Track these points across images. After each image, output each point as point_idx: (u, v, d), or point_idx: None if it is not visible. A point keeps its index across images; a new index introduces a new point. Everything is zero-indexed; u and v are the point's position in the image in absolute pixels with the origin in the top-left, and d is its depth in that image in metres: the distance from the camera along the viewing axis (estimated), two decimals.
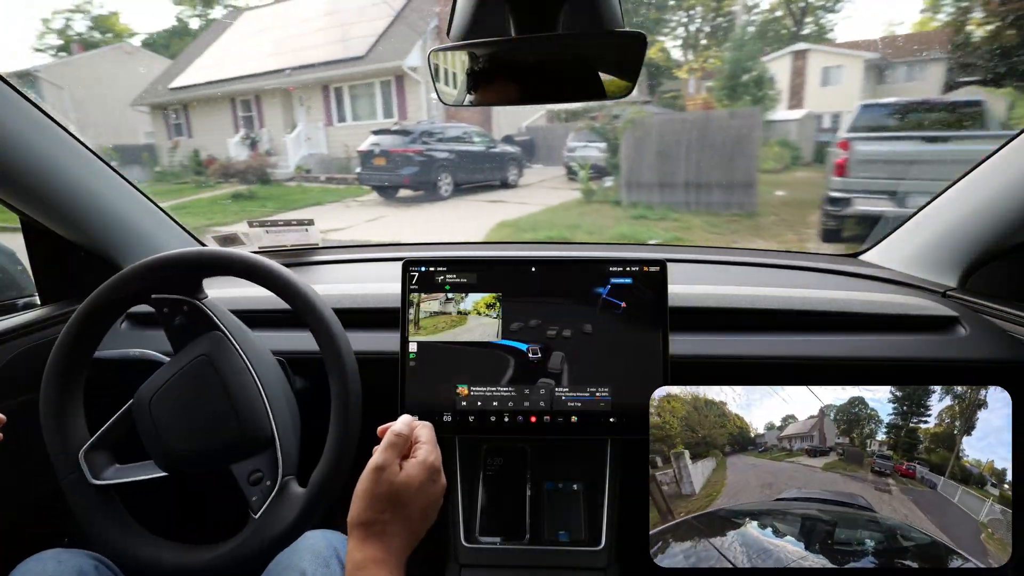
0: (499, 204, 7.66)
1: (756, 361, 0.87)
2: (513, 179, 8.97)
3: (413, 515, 0.55)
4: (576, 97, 0.73)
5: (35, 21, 30.36)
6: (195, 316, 0.71)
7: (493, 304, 0.82)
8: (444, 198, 8.09)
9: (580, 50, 0.63)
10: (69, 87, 12.75)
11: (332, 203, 8.48)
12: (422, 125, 8.95)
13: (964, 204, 0.95)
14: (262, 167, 10.38)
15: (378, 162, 8.10)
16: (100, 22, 19.26)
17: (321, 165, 10.74)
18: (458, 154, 8.40)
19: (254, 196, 8.99)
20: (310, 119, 11.35)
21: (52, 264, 1.04)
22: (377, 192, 8.45)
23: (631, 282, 0.81)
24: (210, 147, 11.44)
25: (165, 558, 0.65)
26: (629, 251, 0.93)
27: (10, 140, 0.83)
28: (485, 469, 0.86)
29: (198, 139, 12.06)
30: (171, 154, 12.20)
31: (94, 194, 0.98)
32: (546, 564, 0.80)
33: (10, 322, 0.91)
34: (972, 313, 0.92)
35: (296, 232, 1.30)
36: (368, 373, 0.69)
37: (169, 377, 0.69)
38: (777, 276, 1.13)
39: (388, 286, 0.96)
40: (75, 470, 0.67)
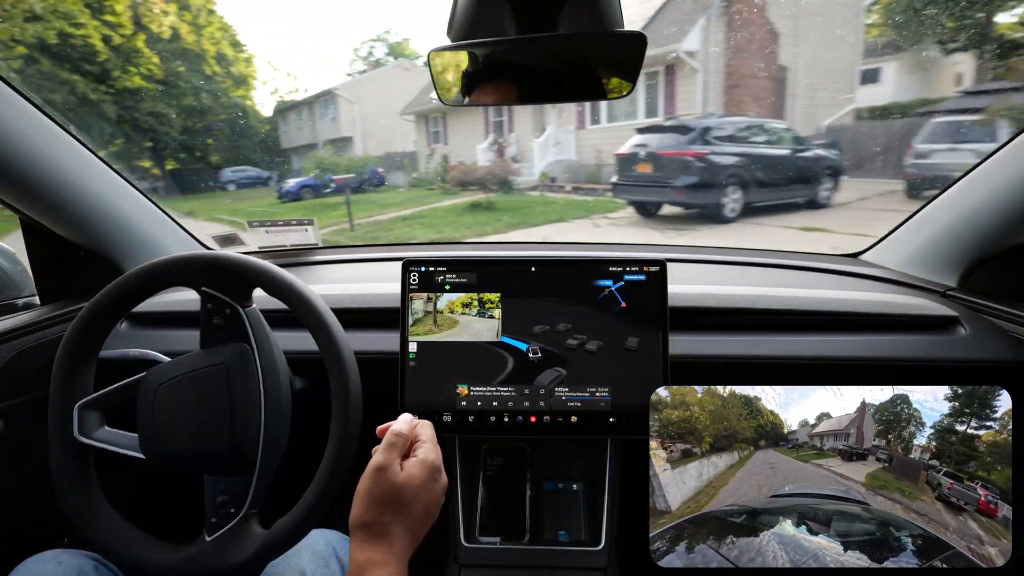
0: (821, 234, 5.14)
1: (756, 361, 0.87)
2: (825, 196, 6.18)
3: (415, 515, 0.55)
4: (576, 97, 0.73)
5: (347, 50, 32.85)
6: (234, 322, 0.70)
7: (469, 303, 0.82)
8: (728, 220, 5.72)
9: (580, 50, 0.63)
10: (359, 101, 14.21)
11: (578, 219, 6.74)
12: (706, 120, 6.57)
13: (964, 204, 0.95)
14: (504, 174, 9.36)
15: (642, 168, 6.09)
16: (394, 48, 23.04)
17: (568, 173, 9.63)
18: (753, 159, 5.89)
19: (492, 207, 7.93)
20: (561, 121, 10.13)
21: (52, 264, 1.04)
22: (635, 208, 6.52)
23: (631, 282, 0.81)
24: (461, 153, 11.31)
25: (112, 542, 0.65)
26: (629, 251, 0.93)
27: (10, 140, 0.83)
28: (485, 469, 0.86)
29: (452, 146, 12.07)
30: (427, 161, 12.31)
31: (94, 194, 0.98)
32: (546, 564, 0.80)
33: (10, 322, 0.91)
34: (972, 313, 0.92)
35: (296, 232, 1.30)
36: (368, 373, 0.68)
37: (184, 372, 0.68)
38: (777, 276, 1.13)
39: (388, 286, 0.96)
40: (67, 423, 0.67)
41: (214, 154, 13.10)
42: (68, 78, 9.26)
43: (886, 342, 0.88)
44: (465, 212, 7.88)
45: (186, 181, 12.47)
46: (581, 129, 10.01)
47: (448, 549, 0.84)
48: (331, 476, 0.63)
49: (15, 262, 1.14)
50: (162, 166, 12.51)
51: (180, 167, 12.69)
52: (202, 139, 12.80)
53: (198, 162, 12.90)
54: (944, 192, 0.99)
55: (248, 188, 12.11)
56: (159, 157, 12.31)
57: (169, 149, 12.17)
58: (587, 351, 0.80)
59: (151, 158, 12.13)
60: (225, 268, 0.69)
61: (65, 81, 9.21)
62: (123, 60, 10.47)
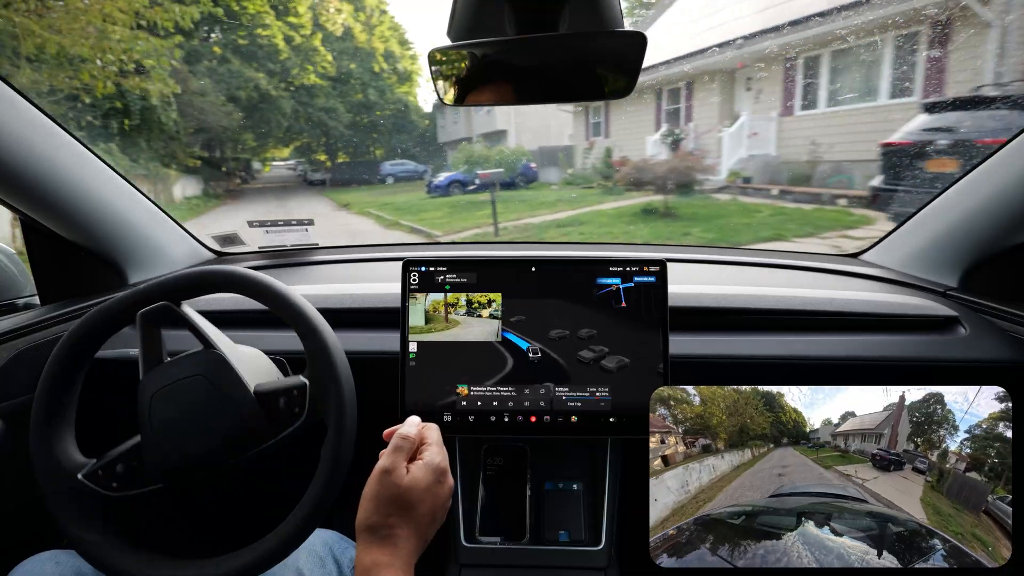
0: None
1: (756, 361, 0.87)
2: None
3: (421, 518, 0.55)
4: (576, 97, 0.73)
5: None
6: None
7: (470, 303, 0.82)
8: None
9: (580, 50, 0.63)
10: None
11: (809, 237, 4.75)
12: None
13: (964, 204, 0.95)
14: (687, 171, 7.34)
15: (940, 166, 3.95)
16: None
17: (765, 172, 7.40)
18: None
19: (672, 213, 6.19)
20: (758, 108, 7.83)
21: (52, 264, 1.04)
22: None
23: (631, 282, 0.81)
24: (626, 147, 9.68)
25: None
26: (629, 251, 0.93)
27: (11, 140, 0.83)
28: (485, 469, 0.86)
29: (614, 138, 10.36)
30: (584, 155, 10.89)
31: (94, 194, 0.98)
32: (546, 564, 0.80)
33: (10, 322, 0.91)
34: (972, 313, 0.92)
35: (296, 232, 1.30)
36: (368, 373, 0.68)
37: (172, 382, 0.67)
38: (777, 276, 1.13)
39: (388, 286, 0.96)
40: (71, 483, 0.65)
41: (377, 148, 13.67)
42: (253, 75, 10.11)
43: (886, 342, 0.88)
44: (636, 219, 6.17)
45: (350, 173, 12.85)
46: (787, 116, 7.49)
47: (448, 549, 0.84)
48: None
49: (15, 262, 1.14)
50: (334, 159, 13.21)
51: (348, 160, 13.28)
52: (367, 133, 13.36)
53: (363, 155, 13.43)
54: (944, 192, 0.99)
55: (405, 182, 12.06)
56: (331, 151, 13.05)
57: (340, 143, 12.77)
58: (603, 367, 0.80)
59: (326, 151, 12.94)
60: (196, 281, 0.68)
61: (250, 79, 10.04)
62: (302, 59, 11.29)
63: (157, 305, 0.68)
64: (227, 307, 0.96)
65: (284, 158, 14.37)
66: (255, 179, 13.17)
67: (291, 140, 12.65)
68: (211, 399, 0.65)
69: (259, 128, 11.38)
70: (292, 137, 12.36)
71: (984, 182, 0.91)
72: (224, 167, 11.20)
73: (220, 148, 10.81)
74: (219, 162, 10.89)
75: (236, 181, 11.86)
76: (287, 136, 12.16)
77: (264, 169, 14.05)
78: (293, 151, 13.76)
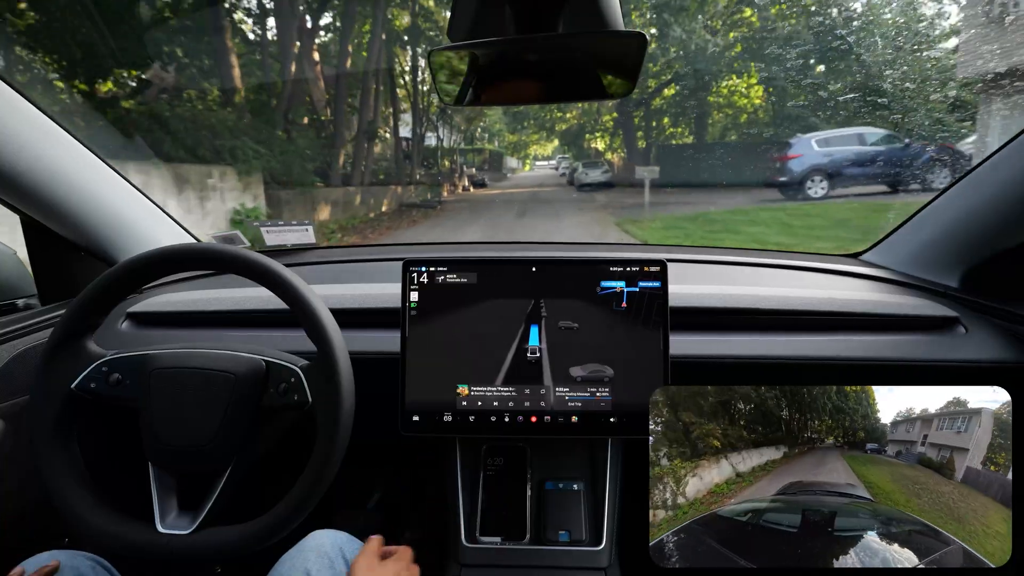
0: None
1: (757, 361, 0.87)
2: None
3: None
4: (576, 97, 0.73)
5: None
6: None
7: (470, 303, 0.82)
8: None
9: (580, 50, 0.63)
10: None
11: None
12: None
13: (964, 204, 0.95)
14: None
15: None
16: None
17: None
18: None
19: None
20: None
21: (52, 264, 1.04)
22: None
23: (631, 282, 0.81)
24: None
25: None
26: (629, 251, 0.93)
27: (10, 140, 0.83)
28: (485, 469, 0.86)
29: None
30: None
31: (94, 194, 0.98)
32: (547, 564, 0.80)
33: (10, 322, 0.91)
34: (972, 313, 0.92)
35: (296, 232, 1.30)
36: (368, 373, 0.68)
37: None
38: (777, 276, 1.13)
39: (388, 286, 0.96)
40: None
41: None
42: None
43: (886, 342, 0.88)
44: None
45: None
46: None
47: (448, 549, 0.84)
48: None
49: (15, 262, 1.14)
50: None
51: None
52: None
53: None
54: (944, 192, 0.99)
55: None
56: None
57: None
58: (587, 351, 0.80)
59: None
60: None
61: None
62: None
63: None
64: (227, 307, 0.97)
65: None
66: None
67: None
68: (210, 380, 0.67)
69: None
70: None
71: (984, 182, 0.91)
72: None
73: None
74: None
75: None
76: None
77: None
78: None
